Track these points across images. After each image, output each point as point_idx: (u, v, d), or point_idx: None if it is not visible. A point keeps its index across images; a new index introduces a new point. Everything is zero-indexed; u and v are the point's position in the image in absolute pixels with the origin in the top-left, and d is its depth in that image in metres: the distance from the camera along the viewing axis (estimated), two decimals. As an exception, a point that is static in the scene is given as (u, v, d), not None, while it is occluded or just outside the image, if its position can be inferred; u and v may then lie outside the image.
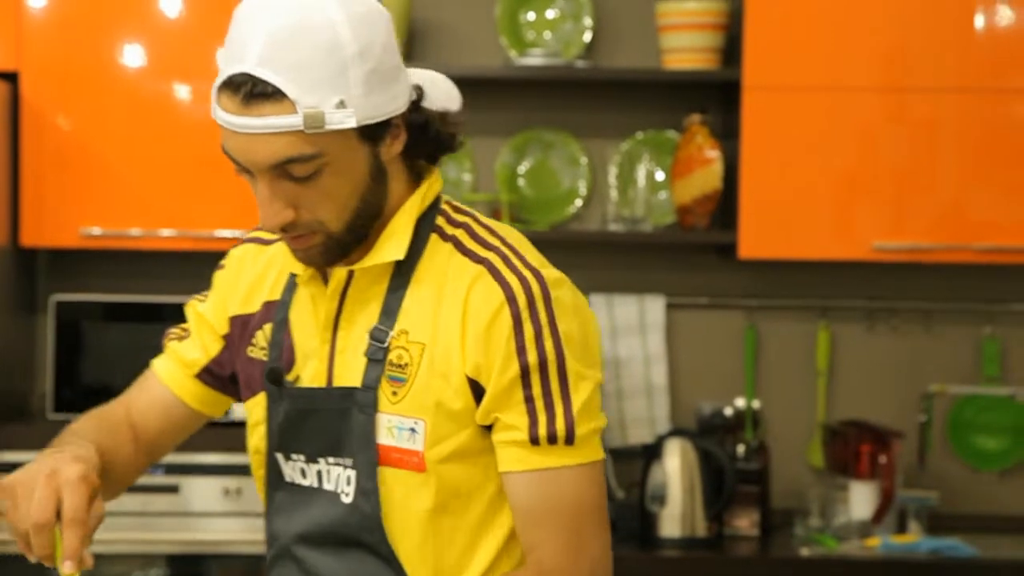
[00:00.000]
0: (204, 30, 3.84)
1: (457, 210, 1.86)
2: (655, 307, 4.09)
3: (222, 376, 2.00)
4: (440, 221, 1.83)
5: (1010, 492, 4.21)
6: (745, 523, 3.94)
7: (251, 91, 1.68)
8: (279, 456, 1.88)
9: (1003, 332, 4.21)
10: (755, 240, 3.88)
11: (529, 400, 1.74)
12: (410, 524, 1.79)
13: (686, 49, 3.96)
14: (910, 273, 4.19)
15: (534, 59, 3.97)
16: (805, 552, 3.80)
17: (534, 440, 1.74)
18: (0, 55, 3.79)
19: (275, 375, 1.87)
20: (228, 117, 1.72)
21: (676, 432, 3.92)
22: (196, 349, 2.00)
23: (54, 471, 1.69)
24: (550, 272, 1.79)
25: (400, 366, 1.78)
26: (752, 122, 3.87)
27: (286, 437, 1.86)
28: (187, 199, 3.84)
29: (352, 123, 1.69)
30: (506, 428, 1.75)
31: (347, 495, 1.81)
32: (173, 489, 3.71)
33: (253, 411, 1.92)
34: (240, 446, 3.83)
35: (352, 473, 1.80)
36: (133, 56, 3.82)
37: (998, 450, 4.19)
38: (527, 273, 1.76)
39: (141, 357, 3.80)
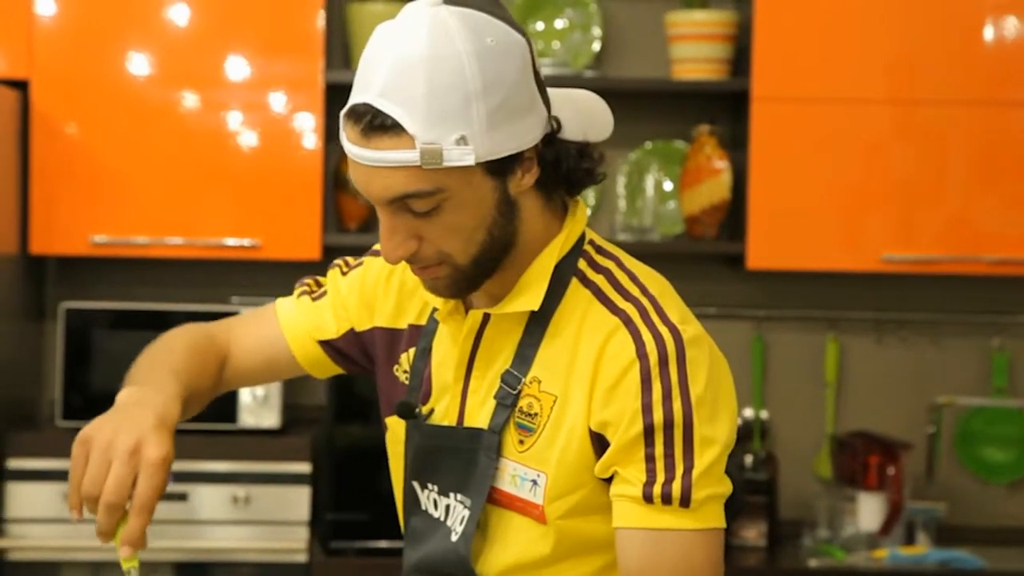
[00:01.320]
0: (212, 39, 3.85)
1: (600, 252, 1.79)
2: (663, 317, 4.08)
3: (344, 352, 1.96)
4: (582, 264, 1.77)
5: (1018, 504, 4.20)
6: (753, 534, 3.93)
7: (371, 122, 1.63)
8: (415, 484, 1.85)
9: (1012, 344, 4.20)
10: (763, 250, 3.88)
11: (650, 459, 1.67)
12: (525, 570, 1.76)
13: (695, 60, 3.96)
14: (918, 284, 4.19)
15: (543, 69, 3.96)
16: (813, 563, 3.79)
17: (647, 498, 1.66)
18: (10, 63, 3.80)
19: (405, 409, 1.84)
20: (350, 147, 1.66)
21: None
22: (329, 317, 1.95)
23: (137, 447, 1.63)
24: (689, 329, 1.70)
25: (530, 415, 1.74)
26: (761, 133, 3.87)
27: (421, 468, 1.83)
28: (195, 207, 3.84)
29: (470, 160, 1.62)
30: (623, 482, 1.69)
31: (456, 533, 1.78)
32: (181, 497, 3.72)
33: (394, 428, 1.90)
34: (248, 455, 3.85)
35: (467, 513, 1.77)
36: (141, 64, 3.83)
37: (1006, 462, 4.19)
38: (663, 329, 1.69)
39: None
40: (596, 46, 4.12)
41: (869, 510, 3.90)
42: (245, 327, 2.01)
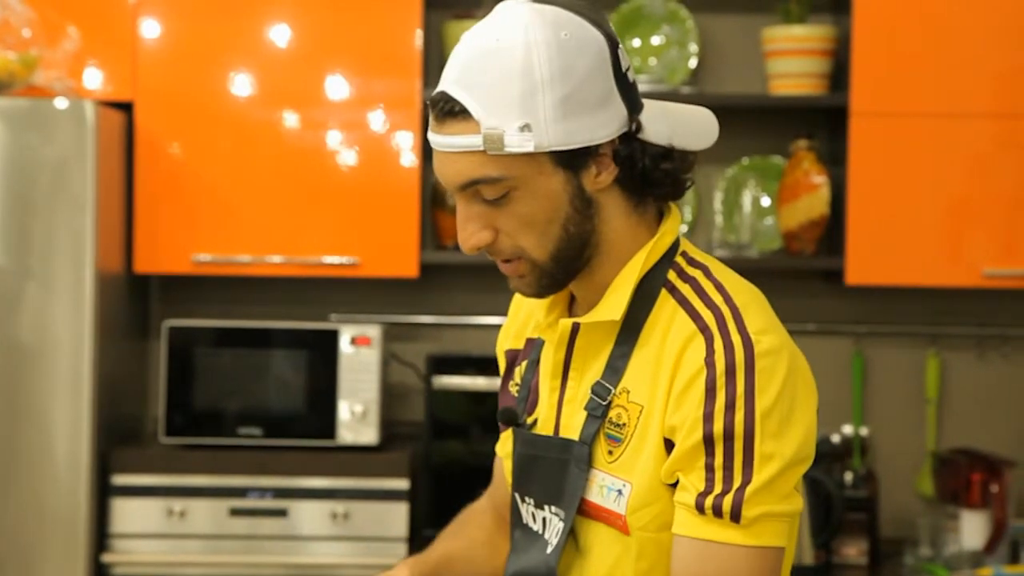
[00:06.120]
0: (312, 59, 3.89)
1: (691, 262, 1.78)
2: (761, 333, 4.07)
3: None
4: (671, 275, 1.76)
5: None
6: (854, 551, 3.89)
7: (443, 109, 1.68)
8: (517, 496, 1.87)
9: (1118, 360, 4.14)
10: (863, 266, 3.85)
11: (710, 468, 1.65)
12: None
13: (793, 75, 3.94)
14: (1021, 299, 4.13)
15: (639, 85, 3.96)
16: (914, 582, 3.76)
17: (699, 508, 1.65)
18: (115, 86, 3.87)
19: (507, 416, 1.87)
20: (430, 134, 1.72)
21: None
22: None
23: None
24: (765, 340, 1.67)
25: (619, 425, 1.74)
26: (859, 147, 3.84)
27: (520, 479, 1.85)
28: (295, 226, 3.89)
29: (531, 147, 1.65)
30: (682, 489, 1.68)
31: (551, 546, 1.80)
32: (281, 513, 3.75)
33: (505, 443, 1.93)
34: (347, 471, 3.87)
35: (561, 526, 1.78)
36: (243, 85, 3.88)
37: (1114, 480, 4.12)
38: (736, 339, 1.67)
39: (251, 382, 3.89)
40: (693, 62, 4.12)
41: (972, 528, 3.85)
42: (494, 480, 2.09)
